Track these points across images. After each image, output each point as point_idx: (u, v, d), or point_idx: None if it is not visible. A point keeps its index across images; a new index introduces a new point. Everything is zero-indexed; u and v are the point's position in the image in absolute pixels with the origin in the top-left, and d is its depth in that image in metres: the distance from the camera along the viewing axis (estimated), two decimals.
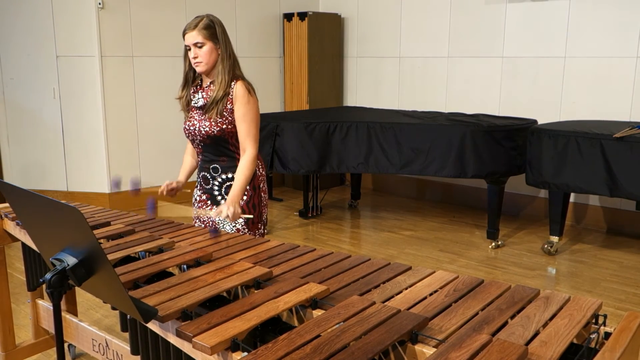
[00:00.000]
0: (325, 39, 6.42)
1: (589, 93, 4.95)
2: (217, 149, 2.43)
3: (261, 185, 2.50)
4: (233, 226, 2.44)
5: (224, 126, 2.37)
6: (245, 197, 2.42)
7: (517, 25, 5.31)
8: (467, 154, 4.37)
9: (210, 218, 2.46)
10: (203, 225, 2.49)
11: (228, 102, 2.36)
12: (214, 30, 2.35)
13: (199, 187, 2.56)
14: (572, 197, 5.03)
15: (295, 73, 6.44)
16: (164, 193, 2.49)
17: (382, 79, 6.39)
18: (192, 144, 2.53)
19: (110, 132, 5.39)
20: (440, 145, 4.45)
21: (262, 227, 2.52)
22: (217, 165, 2.46)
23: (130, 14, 5.36)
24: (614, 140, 3.83)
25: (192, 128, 2.44)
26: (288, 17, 6.38)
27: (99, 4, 5.15)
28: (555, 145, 4.09)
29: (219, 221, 2.44)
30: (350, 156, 4.73)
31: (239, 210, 2.33)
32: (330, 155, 4.77)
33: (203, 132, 2.40)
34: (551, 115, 5.12)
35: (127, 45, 5.39)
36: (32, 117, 5.40)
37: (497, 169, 4.42)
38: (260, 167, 2.50)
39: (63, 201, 1.37)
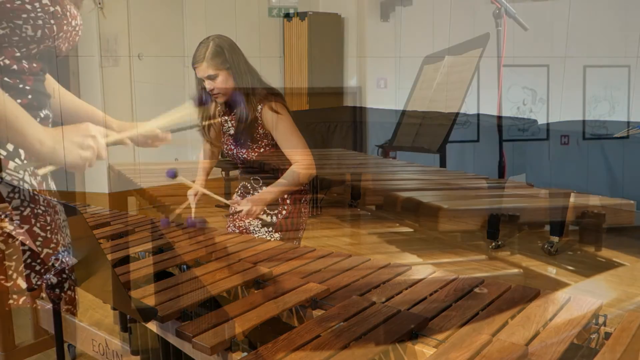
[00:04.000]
0: (325, 39, 6.41)
1: (589, 93, 4.94)
2: (259, 166, 2.37)
3: (302, 200, 2.39)
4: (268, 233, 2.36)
5: (261, 150, 2.30)
6: (284, 212, 2.33)
7: (517, 25, 5.30)
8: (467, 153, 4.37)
9: (223, 206, 2.42)
10: (237, 231, 2.39)
11: (259, 127, 2.26)
12: (223, 56, 2.19)
13: (237, 197, 2.45)
14: (572, 197, 5.02)
15: (295, 73, 6.44)
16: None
17: (381, 79, 6.38)
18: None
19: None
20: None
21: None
22: (259, 177, 2.39)
23: (130, 14, 5.36)
24: (614, 140, 3.83)
25: (230, 153, 2.39)
26: (288, 17, 6.37)
27: (99, 3, 5.15)
28: (556, 145, 4.08)
29: (252, 228, 2.36)
30: (351, 156, 4.73)
31: (257, 210, 2.23)
32: (331, 155, 4.77)
33: (242, 158, 2.35)
34: (551, 115, 5.11)
35: (127, 45, 5.38)
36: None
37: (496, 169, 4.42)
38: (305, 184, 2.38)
39: (63, 201, 1.37)
